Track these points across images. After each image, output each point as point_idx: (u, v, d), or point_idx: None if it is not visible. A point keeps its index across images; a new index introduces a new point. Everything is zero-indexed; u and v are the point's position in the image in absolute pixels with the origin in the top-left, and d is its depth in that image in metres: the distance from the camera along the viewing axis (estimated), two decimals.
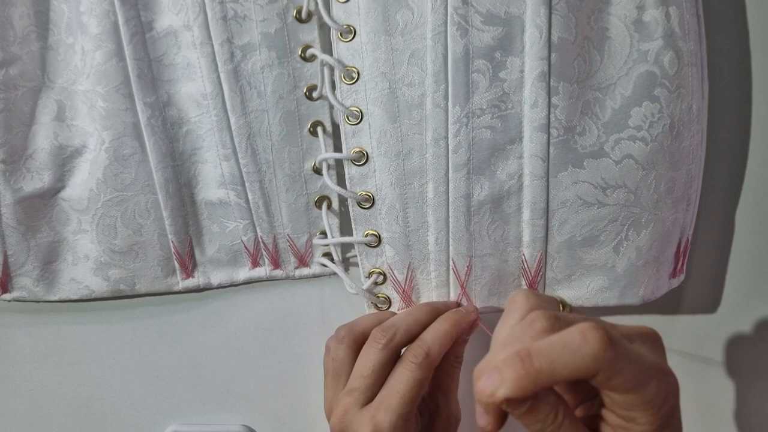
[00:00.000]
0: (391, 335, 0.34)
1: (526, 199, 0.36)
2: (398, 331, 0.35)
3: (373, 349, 0.34)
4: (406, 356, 0.34)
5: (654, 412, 0.26)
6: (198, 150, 0.40)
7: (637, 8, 0.34)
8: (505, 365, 0.24)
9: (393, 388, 0.33)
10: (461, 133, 0.35)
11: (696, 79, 0.36)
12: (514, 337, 0.26)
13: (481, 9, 0.34)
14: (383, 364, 0.34)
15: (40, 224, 0.41)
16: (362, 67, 0.37)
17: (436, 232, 0.37)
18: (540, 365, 0.24)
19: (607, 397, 0.26)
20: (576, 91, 0.35)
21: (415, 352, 0.34)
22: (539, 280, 0.37)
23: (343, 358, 0.36)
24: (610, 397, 0.26)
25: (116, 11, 0.37)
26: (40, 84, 0.40)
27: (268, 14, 0.37)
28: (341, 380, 0.36)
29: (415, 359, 0.33)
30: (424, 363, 0.33)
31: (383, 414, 0.32)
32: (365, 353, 0.35)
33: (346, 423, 0.33)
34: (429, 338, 0.34)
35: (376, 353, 0.34)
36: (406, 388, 0.33)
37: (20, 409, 0.47)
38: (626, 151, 0.35)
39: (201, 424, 0.45)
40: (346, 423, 0.33)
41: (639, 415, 0.26)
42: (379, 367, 0.34)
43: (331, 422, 0.34)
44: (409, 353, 0.34)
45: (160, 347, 0.45)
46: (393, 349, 0.34)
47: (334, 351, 0.36)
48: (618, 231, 0.36)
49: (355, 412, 0.33)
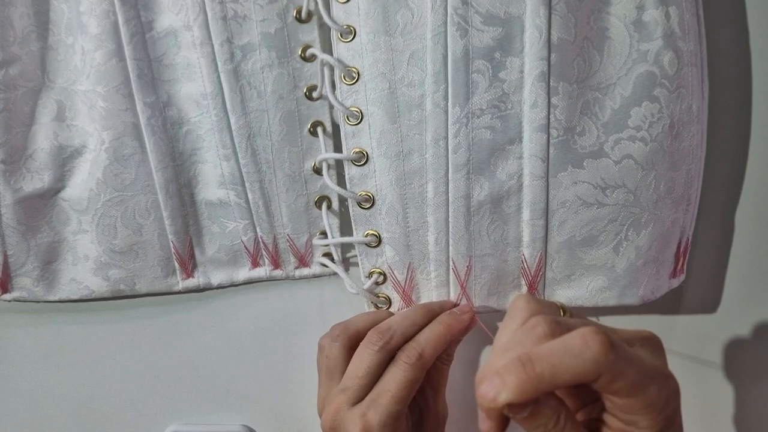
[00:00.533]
0: (388, 338, 0.35)
1: (525, 199, 0.36)
2: (395, 334, 0.35)
3: (369, 351, 0.34)
4: (400, 357, 0.34)
5: (655, 416, 0.26)
6: (198, 150, 0.40)
7: (637, 8, 0.34)
8: (506, 370, 0.24)
9: (385, 387, 0.33)
10: (461, 134, 0.35)
11: (696, 79, 0.36)
12: (516, 342, 0.26)
13: (481, 9, 0.34)
14: (378, 365, 0.34)
15: (40, 224, 0.41)
16: (362, 68, 0.36)
17: (436, 232, 0.37)
18: (541, 370, 0.24)
19: (608, 401, 0.26)
20: (575, 91, 0.35)
21: (409, 353, 0.34)
22: (539, 280, 0.37)
23: (337, 356, 0.36)
24: (611, 401, 0.26)
25: (116, 11, 0.37)
26: (40, 84, 0.40)
27: (268, 14, 0.37)
28: (335, 378, 0.36)
29: (409, 360, 0.34)
30: (417, 364, 0.34)
31: (373, 413, 0.32)
32: (360, 354, 0.35)
33: (337, 421, 0.33)
34: (423, 340, 0.35)
35: (371, 355, 0.34)
36: (397, 387, 0.33)
37: (20, 409, 0.46)
38: (626, 151, 0.35)
39: (201, 424, 0.45)
40: (338, 421, 0.33)
41: (640, 418, 0.26)
42: (374, 369, 0.34)
43: (323, 420, 0.35)
44: (402, 354, 0.34)
45: (160, 347, 0.45)
46: (389, 352, 0.35)
47: (328, 349, 0.36)
48: (617, 231, 0.36)
49: (346, 411, 0.33)
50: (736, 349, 0.42)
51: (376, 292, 0.40)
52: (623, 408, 0.26)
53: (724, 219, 0.41)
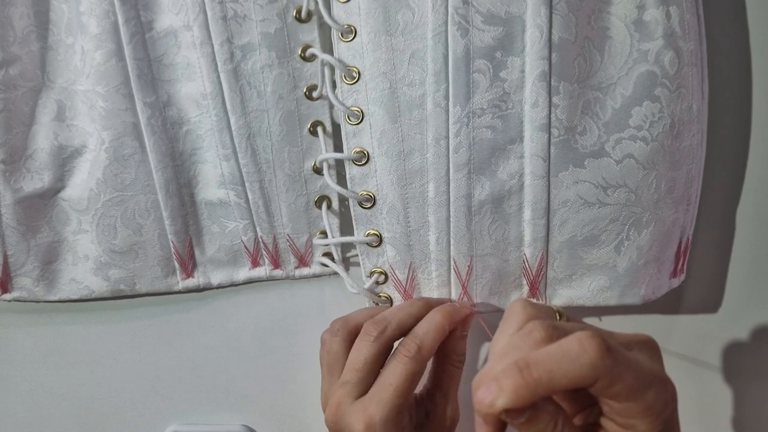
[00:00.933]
0: (382, 328, 0.35)
1: (527, 198, 0.36)
2: (390, 324, 0.35)
3: (365, 342, 0.34)
4: (399, 350, 0.34)
5: (653, 419, 0.26)
6: (198, 150, 0.40)
7: (638, 8, 0.34)
8: (503, 375, 0.24)
9: (386, 382, 0.33)
10: (462, 133, 0.35)
11: (696, 78, 0.36)
12: (513, 347, 0.26)
13: (482, 9, 0.34)
14: (375, 356, 0.34)
15: (40, 224, 0.41)
16: (363, 67, 0.36)
17: (437, 231, 0.37)
18: (539, 375, 0.24)
19: (605, 405, 0.26)
20: (576, 90, 0.35)
21: (408, 346, 0.34)
22: (540, 280, 0.37)
23: (338, 351, 0.36)
24: (609, 405, 0.26)
25: (116, 11, 0.37)
26: (40, 84, 0.40)
27: (268, 14, 0.37)
28: (335, 372, 0.36)
29: (408, 352, 0.34)
30: (417, 356, 0.33)
31: (375, 407, 0.32)
32: (357, 346, 0.35)
33: (339, 415, 0.33)
34: (421, 332, 0.34)
35: (368, 346, 0.34)
36: (398, 381, 0.33)
37: (20, 409, 0.46)
38: (627, 151, 0.35)
39: (201, 425, 0.45)
40: (339, 415, 0.33)
41: (638, 422, 0.26)
42: (371, 360, 0.34)
43: (326, 415, 0.34)
44: (401, 347, 0.34)
45: (160, 347, 0.45)
46: (385, 342, 0.35)
47: (328, 344, 0.36)
48: (619, 231, 0.36)
49: (347, 405, 0.33)
50: (737, 349, 0.42)
51: (377, 291, 0.40)
52: (621, 412, 0.26)
53: (724, 219, 0.41)
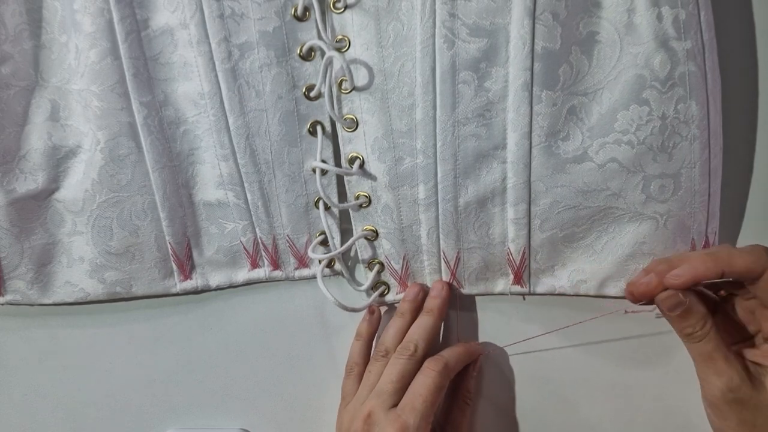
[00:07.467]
0: (413, 349, 0.38)
1: (509, 200, 0.38)
2: (418, 344, 0.38)
3: (401, 359, 0.38)
4: (427, 365, 0.37)
5: None
6: (196, 150, 0.39)
7: (628, 11, 0.35)
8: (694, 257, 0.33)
9: (416, 393, 0.36)
10: (448, 141, 0.37)
11: (696, 77, 0.35)
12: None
13: (468, 21, 0.35)
14: (410, 372, 0.37)
15: (34, 226, 0.41)
16: (356, 77, 0.37)
17: (427, 228, 0.39)
18: (721, 255, 0.32)
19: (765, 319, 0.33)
20: (560, 98, 0.35)
21: (436, 361, 0.37)
22: (524, 270, 0.39)
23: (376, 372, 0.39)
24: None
25: (111, 9, 0.36)
26: (33, 83, 0.39)
27: (266, 12, 0.37)
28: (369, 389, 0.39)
29: (436, 367, 0.37)
30: (443, 371, 0.37)
31: (408, 415, 0.35)
32: (393, 363, 0.38)
33: (371, 423, 0.36)
34: (446, 354, 0.39)
35: (403, 362, 0.37)
36: (427, 392, 0.36)
37: (14, 414, 0.46)
38: (610, 155, 0.36)
39: (199, 429, 0.45)
40: (371, 423, 0.36)
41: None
42: (408, 375, 0.37)
43: (354, 424, 0.36)
44: (429, 363, 0.38)
45: (158, 350, 0.44)
46: (417, 361, 0.38)
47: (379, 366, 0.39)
48: (599, 228, 0.38)
49: (380, 414, 0.36)
50: None
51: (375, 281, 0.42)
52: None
53: (726, 219, 0.41)
